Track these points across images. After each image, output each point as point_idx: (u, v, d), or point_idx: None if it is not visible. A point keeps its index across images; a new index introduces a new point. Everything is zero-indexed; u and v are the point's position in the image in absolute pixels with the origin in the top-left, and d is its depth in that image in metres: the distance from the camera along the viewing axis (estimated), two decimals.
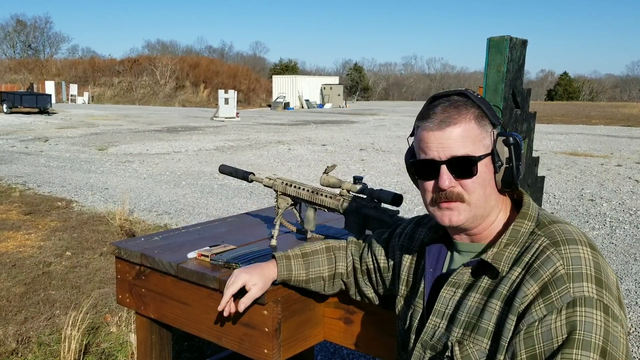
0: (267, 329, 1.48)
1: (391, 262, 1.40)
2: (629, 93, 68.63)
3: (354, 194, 1.68)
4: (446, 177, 1.10)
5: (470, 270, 1.13)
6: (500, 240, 1.11)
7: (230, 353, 2.36)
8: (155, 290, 1.76)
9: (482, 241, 1.16)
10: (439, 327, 1.15)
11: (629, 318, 3.74)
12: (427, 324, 1.17)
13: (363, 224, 1.65)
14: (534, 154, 2.86)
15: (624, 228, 6.06)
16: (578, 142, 15.04)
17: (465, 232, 1.17)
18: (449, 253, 1.23)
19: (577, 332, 0.95)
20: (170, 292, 1.71)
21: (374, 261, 1.44)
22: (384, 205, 1.64)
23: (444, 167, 1.10)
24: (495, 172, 1.12)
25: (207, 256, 1.67)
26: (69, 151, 12.57)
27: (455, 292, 1.14)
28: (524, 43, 2.70)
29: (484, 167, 1.11)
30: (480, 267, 1.11)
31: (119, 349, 3.14)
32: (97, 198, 7.38)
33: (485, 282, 1.10)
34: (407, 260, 1.33)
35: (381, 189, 1.62)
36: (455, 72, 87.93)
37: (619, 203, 7.33)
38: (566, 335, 0.96)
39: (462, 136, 1.09)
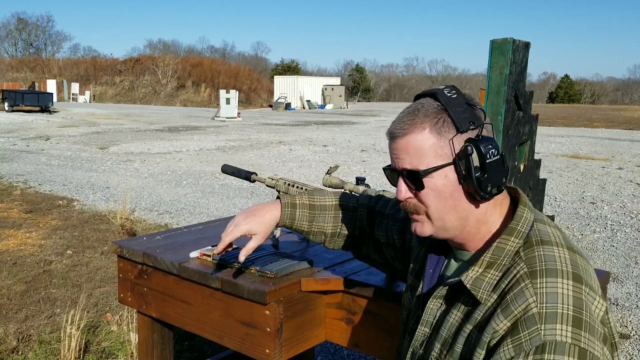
0: (268, 329, 1.48)
1: (406, 244, 1.34)
2: (631, 96, 68.63)
3: (355, 194, 1.68)
4: (402, 188, 1.04)
5: (447, 288, 1.06)
6: (482, 258, 1.00)
7: (231, 353, 2.36)
8: (157, 289, 1.76)
9: (471, 250, 1.08)
10: (427, 336, 1.10)
11: (630, 321, 3.74)
12: (416, 332, 1.13)
13: None
14: (536, 157, 2.87)
15: (625, 231, 6.06)
16: (579, 145, 15.03)
17: (448, 240, 1.11)
18: (447, 258, 1.16)
19: None
20: (172, 291, 1.71)
21: (389, 237, 1.38)
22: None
23: (400, 179, 1.05)
24: (460, 182, 1.01)
25: (209, 256, 1.67)
26: (70, 150, 12.58)
27: (441, 304, 1.08)
28: (527, 45, 2.70)
29: (442, 179, 1.01)
30: (458, 288, 1.03)
31: (119, 348, 3.14)
32: (98, 197, 7.38)
33: (464, 300, 1.03)
34: (417, 250, 1.25)
35: (383, 190, 1.62)
36: (456, 73, 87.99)
37: (620, 206, 7.33)
38: None
39: (407, 148, 1.02)
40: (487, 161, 0.98)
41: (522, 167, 2.69)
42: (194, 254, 1.71)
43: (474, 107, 1.02)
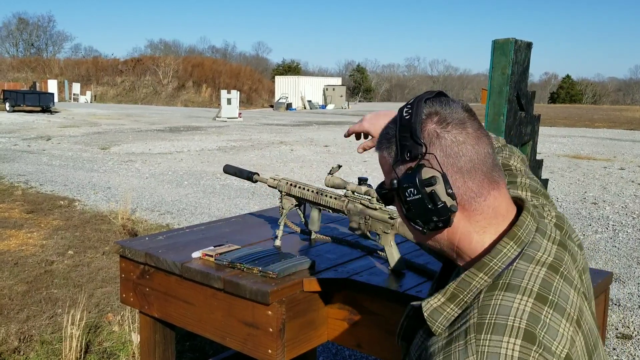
0: (271, 329, 1.48)
1: None
2: (632, 96, 68.59)
3: (358, 195, 1.68)
4: None
5: (412, 309, 1.01)
6: (448, 286, 0.95)
7: (232, 353, 2.36)
8: (159, 289, 1.76)
9: (460, 264, 1.02)
10: (405, 352, 1.06)
11: (632, 322, 3.73)
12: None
13: (368, 225, 1.65)
14: (538, 157, 2.86)
15: (627, 231, 6.06)
16: (581, 145, 15.02)
17: None
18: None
19: None
20: (175, 291, 1.71)
21: None
22: (388, 206, 1.64)
23: None
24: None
25: (211, 256, 1.67)
26: (72, 150, 12.59)
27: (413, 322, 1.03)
28: (529, 45, 2.70)
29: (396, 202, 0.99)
30: (419, 312, 0.97)
31: (121, 348, 3.14)
32: (99, 197, 7.39)
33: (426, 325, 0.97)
34: None
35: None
36: (458, 74, 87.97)
37: (622, 206, 7.32)
38: None
39: (380, 163, 1.02)
40: (407, 199, 0.93)
41: None
42: (196, 254, 1.71)
43: (418, 135, 0.93)
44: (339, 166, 1.75)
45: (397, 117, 0.97)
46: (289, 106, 37.85)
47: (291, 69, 60.83)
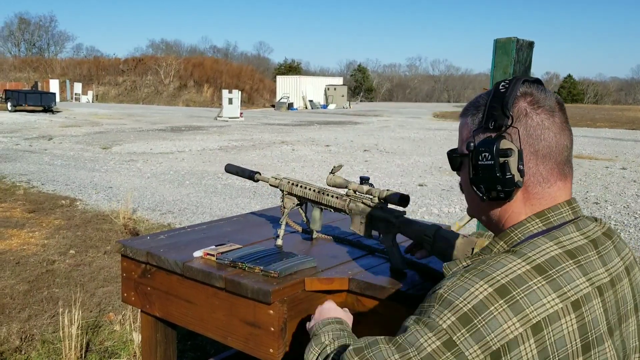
0: (272, 329, 1.48)
1: None
2: (634, 96, 68.49)
3: (360, 194, 1.68)
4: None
5: None
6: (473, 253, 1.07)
7: (234, 352, 2.36)
8: (161, 288, 1.76)
9: None
10: None
11: None
12: None
13: (369, 224, 1.65)
14: None
15: (629, 231, 6.05)
16: (583, 145, 15.00)
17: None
18: None
19: (399, 336, 0.92)
20: (176, 290, 1.71)
21: None
22: (390, 205, 1.64)
23: None
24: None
25: (213, 255, 1.67)
26: (73, 150, 12.60)
27: None
28: (531, 45, 2.69)
29: (466, 167, 1.06)
30: None
31: (122, 348, 3.14)
32: (101, 197, 7.39)
33: None
34: None
35: (387, 190, 1.61)
36: (459, 73, 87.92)
37: (624, 206, 7.31)
38: (394, 337, 0.94)
39: (458, 129, 1.10)
40: (479, 163, 0.99)
41: None
42: (197, 254, 1.71)
43: (508, 108, 0.98)
44: (341, 165, 1.75)
45: (491, 89, 1.03)
46: (290, 106, 37.84)
47: (292, 68, 60.82)
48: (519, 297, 0.86)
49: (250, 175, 1.97)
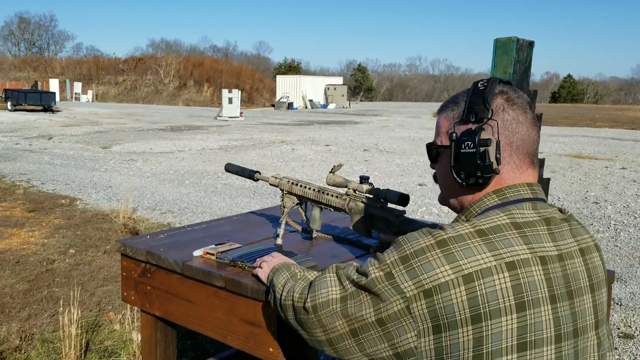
0: (272, 328, 1.48)
1: None
2: (634, 96, 68.50)
3: (360, 193, 1.68)
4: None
5: None
6: None
7: (234, 352, 2.36)
8: (161, 288, 1.76)
9: None
10: None
11: (634, 321, 3.73)
12: None
13: (369, 223, 1.65)
14: (539, 156, 2.86)
15: (629, 231, 6.05)
16: (582, 145, 15.01)
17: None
18: None
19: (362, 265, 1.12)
20: (176, 290, 1.71)
21: None
22: (390, 205, 1.63)
23: None
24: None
25: (213, 254, 1.67)
26: (73, 149, 12.59)
27: None
28: (531, 44, 2.69)
29: (444, 158, 1.19)
30: None
31: (122, 347, 3.14)
32: (100, 196, 7.39)
33: None
34: None
35: (387, 189, 1.61)
36: (459, 73, 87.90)
37: (624, 206, 7.31)
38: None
39: (435, 125, 1.23)
40: (461, 151, 1.10)
41: None
42: (197, 253, 1.71)
43: (489, 102, 1.10)
44: (340, 165, 1.75)
45: (470, 88, 1.15)
46: (290, 105, 37.84)
47: (292, 68, 60.81)
48: (454, 250, 0.99)
49: (250, 174, 1.97)
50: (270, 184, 1.89)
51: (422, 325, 0.99)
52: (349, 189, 1.69)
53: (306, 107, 39.90)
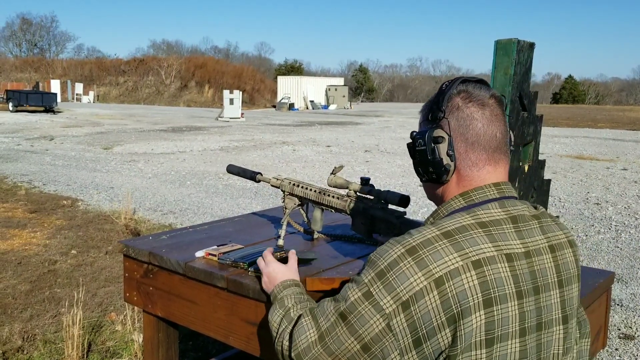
0: None
1: None
2: (635, 97, 68.43)
3: (361, 195, 1.68)
4: None
5: None
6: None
7: (236, 352, 2.37)
8: (163, 288, 1.77)
9: None
10: None
11: (634, 322, 3.73)
12: None
13: (370, 225, 1.66)
14: (540, 157, 2.86)
15: (630, 232, 6.05)
16: (584, 146, 15.00)
17: None
18: None
19: (336, 298, 1.12)
20: (178, 290, 1.72)
21: None
22: (391, 206, 1.64)
23: None
24: None
25: (214, 255, 1.68)
26: (75, 150, 12.61)
27: None
28: (532, 46, 2.70)
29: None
30: None
31: (124, 347, 3.15)
32: (102, 197, 7.40)
33: None
34: None
35: (388, 190, 1.62)
36: (460, 74, 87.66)
37: (625, 207, 7.31)
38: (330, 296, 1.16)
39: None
40: (416, 149, 1.17)
41: (526, 167, 2.68)
42: (199, 254, 1.72)
43: (443, 103, 1.14)
44: (342, 166, 1.76)
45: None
46: (291, 106, 37.84)
47: (294, 69, 60.80)
48: (424, 255, 1.01)
49: (252, 175, 1.97)
50: (272, 186, 1.90)
51: (404, 342, 1.01)
52: (349, 190, 1.70)
53: (307, 108, 39.90)
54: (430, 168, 1.15)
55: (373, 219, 1.64)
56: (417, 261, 1.01)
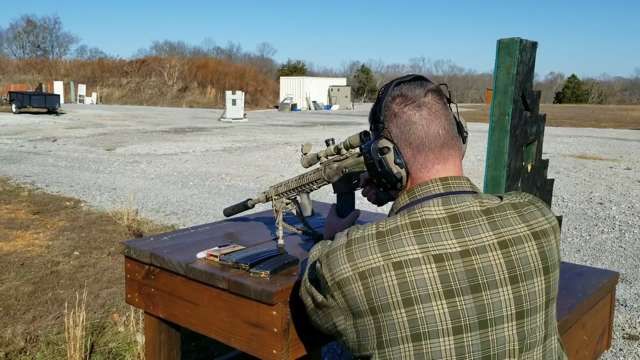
0: (276, 329, 1.48)
1: None
2: (638, 96, 68.28)
3: (331, 156, 1.67)
4: None
5: None
6: None
7: (238, 354, 2.36)
8: (165, 289, 1.76)
9: None
10: None
11: (639, 322, 3.71)
12: None
13: (347, 179, 1.64)
14: (543, 157, 2.85)
15: (633, 232, 6.03)
16: (587, 145, 14.97)
17: None
18: None
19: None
20: (180, 291, 1.71)
21: None
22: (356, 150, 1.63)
23: None
24: None
25: (216, 256, 1.67)
26: (77, 151, 12.63)
27: None
28: (534, 45, 2.69)
29: None
30: None
31: (126, 349, 3.14)
32: (105, 198, 7.41)
33: None
34: None
35: (348, 137, 1.59)
36: (463, 74, 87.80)
37: (628, 206, 7.29)
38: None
39: None
40: (367, 162, 1.20)
41: (529, 167, 2.67)
42: (201, 255, 1.71)
43: (380, 113, 1.16)
44: (309, 144, 1.74)
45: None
46: (293, 107, 37.87)
47: (296, 69, 60.85)
48: (354, 250, 1.10)
49: (244, 205, 2.04)
50: (264, 202, 1.92)
51: (341, 311, 1.13)
52: (321, 158, 1.68)
53: (310, 109, 39.90)
54: (383, 179, 1.17)
55: (348, 172, 1.62)
56: (349, 254, 1.10)
